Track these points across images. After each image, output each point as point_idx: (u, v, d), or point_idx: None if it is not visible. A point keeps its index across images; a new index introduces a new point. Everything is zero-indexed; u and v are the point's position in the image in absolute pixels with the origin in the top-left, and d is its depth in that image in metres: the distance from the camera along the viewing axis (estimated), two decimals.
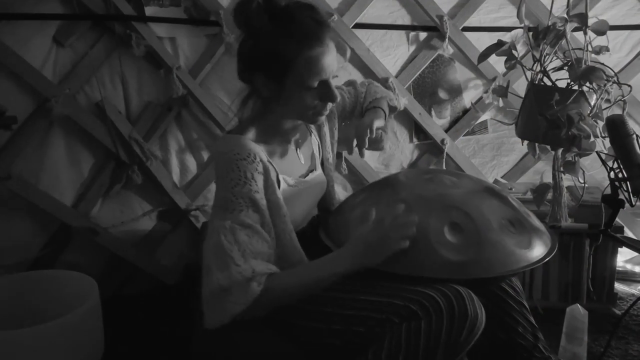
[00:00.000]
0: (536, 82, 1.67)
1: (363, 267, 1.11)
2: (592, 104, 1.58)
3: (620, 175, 1.37)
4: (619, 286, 2.13)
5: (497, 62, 2.08)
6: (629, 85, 1.60)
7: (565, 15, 1.60)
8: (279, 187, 1.21)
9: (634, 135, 1.34)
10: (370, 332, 1.11)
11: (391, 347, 1.06)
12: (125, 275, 2.08)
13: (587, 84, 1.57)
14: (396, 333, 1.07)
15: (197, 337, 1.31)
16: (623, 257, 2.26)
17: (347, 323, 1.13)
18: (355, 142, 1.38)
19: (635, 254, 2.15)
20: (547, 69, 1.66)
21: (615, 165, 1.38)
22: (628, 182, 1.35)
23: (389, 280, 1.15)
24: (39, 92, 1.84)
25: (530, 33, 1.66)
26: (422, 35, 2.13)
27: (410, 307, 1.07)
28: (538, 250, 1.24)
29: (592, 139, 1.50)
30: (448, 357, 1.06)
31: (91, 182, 1.99)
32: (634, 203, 1.36)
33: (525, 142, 1.85)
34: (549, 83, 1.66)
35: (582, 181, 1.65)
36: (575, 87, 1.58)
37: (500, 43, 1.68)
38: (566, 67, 1.64)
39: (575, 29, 1.68)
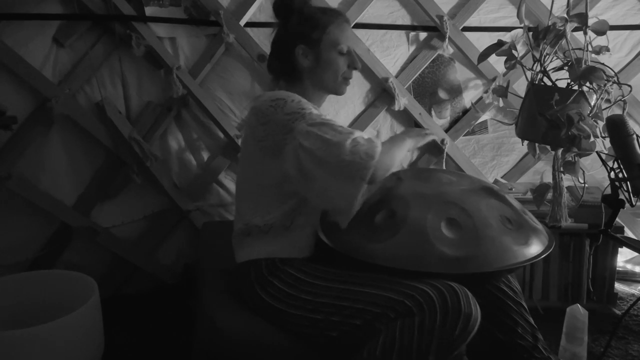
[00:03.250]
0: (536, 82, 1.67)
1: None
2: (592, 104, 1.57)
3: (620, 175, 1.37)
4: (619, 286, 2.14)
5: (497, 62, 2.08)
6: (629, 85, 1.60)
7: (565, 15, 1.60)
8: None
9: (634, 135, 1.34)
10: (367, 325, 1.12)
11: (385, 344, 1.07)
12: (125, 275, 2.08)
13: (587, 84, 1.56)
14: (391, 329, 1.08)
15: (198, 332, 1.31)
16: (623, 257, 2.26)
17: (344, 315, 1.14)
18: None
19: (636, 254, 2.15)
20: (547, 69, 1.65)
21: (616, 165, 1.38)
22: (628, 182, 1.35)
23: (388, 274, 1.16)
24: (39, 92, 1.84)
25: (530, 33, 1.65)
26: (422, 35, 2.13)
27: (405, 302, 1.08)
28: (535, 248, 1.25)
29: (592, 139, 1.50)
30: (443, 353, 1.06)
31: (91, 182, 1.99)
32: (634, 203, 1.36)
33: (525, 142, 1.84)
34: (549, 83, 1.66)
35: (582, 181, 1.65)
36: (575, 87, 1.57)
37: (500, 43, 1.68)
38: (566, 67, 1.63)
39: (575, 29, 1.67)
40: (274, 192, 1.27)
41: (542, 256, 1.24)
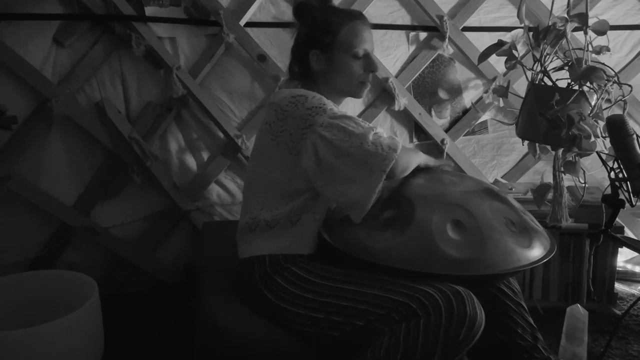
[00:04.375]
0: (536, 82, 1.67)
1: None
2: (593, 104, 1.57)
3: (620, 175, 1.37)
4: (619, 286, 2.14)
5: (497, 62, 2.08)
6: (630, 85, 1.60)
7: (566, 15, 1.60)
8: None
9: (634, 135, 1.34)
10: (370, 326, 1.12)
11: (390, 346, 1.07)
12: (125, 275, 2.08)
13: (588, 84, 1.56)
14: (395, 332, 1.08)
15: (198, 332, 1.31)
16: (623, 257, 2.26)
17: (347, 315, 1.14)
18: None
19: (636, 254, 2.15)
20: (548, 69, 1.66)
21: (616, 165, 1.38)
22: (628, 182, 1.35)
23: (392, 275, 1.16)
24: (39, 92, 1.84)
25: (531, 33, 1.65)
26: (422, 35, 2.12)
27: (410, 305, 1.08)
28: (538, 250, 1.25)
29: (592, 139, 1.50)
30: (447, 357, 1.06)
31: (91, 182, 1.99)
32: (634, 203, 1.36)
33: (526, 142, 1.85)
34: (549, 83, 1.66)
35: (582, 181, 1.65)
36: (576, 87, 1.57)
37: (500, 43, 1.68)
38: (566, 67, 1.63)
39: (576, 29, 1.67)
40: (283, 188, 1.28)
41: (546, 259, 1.23)
